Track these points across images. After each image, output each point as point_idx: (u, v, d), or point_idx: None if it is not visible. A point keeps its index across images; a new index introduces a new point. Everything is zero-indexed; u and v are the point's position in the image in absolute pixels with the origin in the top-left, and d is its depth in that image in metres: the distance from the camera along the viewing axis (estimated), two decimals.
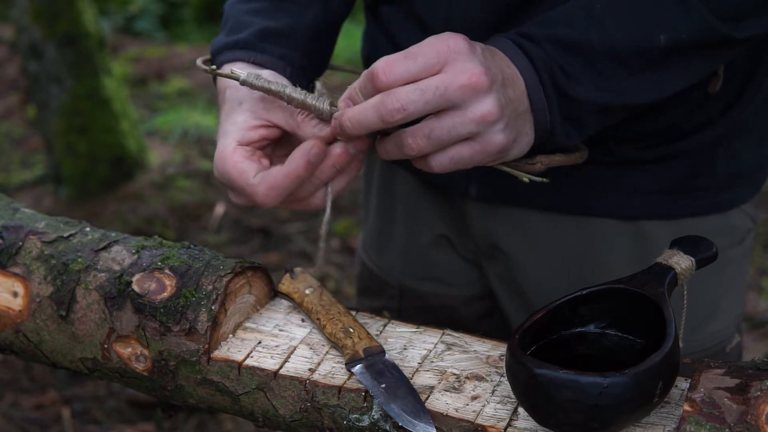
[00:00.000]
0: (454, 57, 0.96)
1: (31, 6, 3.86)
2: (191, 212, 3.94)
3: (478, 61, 0.97)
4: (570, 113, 1.05)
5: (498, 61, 1.02)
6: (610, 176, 1.25)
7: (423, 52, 0.96)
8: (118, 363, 1.09)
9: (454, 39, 0.97)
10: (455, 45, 0.97)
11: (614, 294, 0.99)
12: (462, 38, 0.98)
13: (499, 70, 1.00)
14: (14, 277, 1.13)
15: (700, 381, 0.91)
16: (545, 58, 1.03)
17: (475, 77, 0.96)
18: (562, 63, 1.03)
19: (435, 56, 0.96)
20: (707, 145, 1.25)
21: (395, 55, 0.97)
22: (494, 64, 1.00)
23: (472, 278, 1.45)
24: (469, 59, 0.97)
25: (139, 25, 6.64)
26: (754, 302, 3.19)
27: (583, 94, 1.04)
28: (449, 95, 0.95)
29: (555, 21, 1.06)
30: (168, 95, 5.21)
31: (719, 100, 1.22)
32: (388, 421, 0.96)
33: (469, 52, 0.97)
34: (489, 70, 0.97)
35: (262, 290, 1.13)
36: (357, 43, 1.45)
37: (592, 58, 1.04)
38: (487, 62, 0.98)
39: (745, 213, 1.33)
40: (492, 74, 0.98)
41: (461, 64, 0.96)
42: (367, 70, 0.98)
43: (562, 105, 1.04)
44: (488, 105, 0.97)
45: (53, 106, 3.95)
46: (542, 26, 1.06)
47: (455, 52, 0.96)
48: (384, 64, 0.96)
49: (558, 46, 1.04)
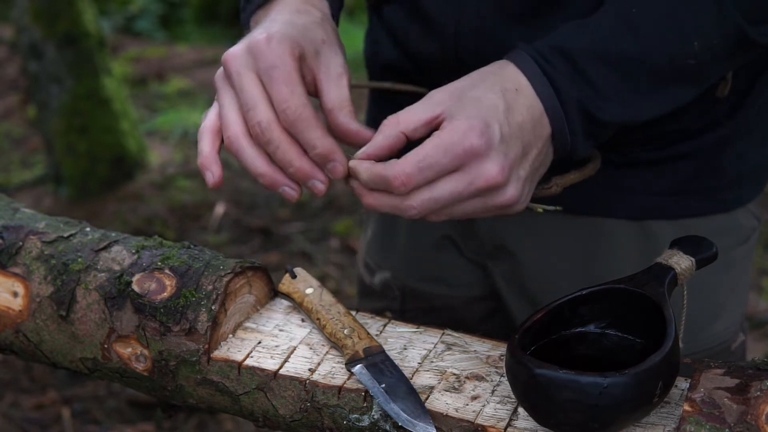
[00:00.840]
0: (470, 159, 0.95)
1: (31, 6, 3.86)
2: (191, 212, 3.94)
3: (495, 159, 0.95)
4: (593, 132, 1.04)
5: (519, 108, 0.99)
6: (617, 176, 1.25)
7: (439, 161, 0.94)
8: (118, 363, 1.09)
9: (469, 139, 0.94)
10: (471, 147, 0.94)
11: (614, 294, 0.99)
12: (477, 133, 0.94)
13: (519, 131, 0.98)
14: (14, 277, 1.13)
15: (700, 381, 0.91)
16: (573, 85, 1.01)
17: (492, 179, 0.95)
18: (595, 79, 1.01)
19: (450, 162, 0.95)
20: (714, 146, 1.25)
21: (410, 161, 0.95)
22: (513, 131, 0.97)
23: (476, 279, 1.45)
24: (486, 159, 0.95)
25: (139, 25, 6.64)
26: (754, 302, 3.20)
27: (611, 115, 1.03)
28: (466, 196, 0.96)
29: (589, 29, 1.04)
30: (168, 95, 5.21)
31: (726, 102, 1.22)
32: (388, 421, 0.96)
33: (486, 150, 0.95)
34: (507, 156, 0.96)
35: (262, 290, 1.13)
36: (358, 44, 1.45)
37: (629, 69, 1.02)
38: (505, 148, 0.96)
39: (750, 212, 1.33)
40: (511, 160, 0.96)
41: (477, 168, 0.95)
42: (382, 176, 0.96)
43: (586, 127, 1.03)
44: (508, 195, 0.97)
45: (53, 106, 3.95)
46: (575, 36, 1.03)
47: (472, 155, 0.94)
48: (402, 177, 0.94)
49: (592, 59, 1.02)
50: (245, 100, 1.01)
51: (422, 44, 1.25)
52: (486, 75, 1.01)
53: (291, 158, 1.00)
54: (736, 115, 1.25)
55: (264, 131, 0.99)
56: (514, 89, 1.00)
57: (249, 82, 1.01)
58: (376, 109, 1.44)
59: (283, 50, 1.01)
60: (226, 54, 1.03)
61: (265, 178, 1.02)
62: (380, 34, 1.36)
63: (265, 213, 3.92)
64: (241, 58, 1.02)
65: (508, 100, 0.98)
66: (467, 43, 1.19)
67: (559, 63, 1.02)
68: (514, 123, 0.98)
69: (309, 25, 1.07)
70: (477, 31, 1.17)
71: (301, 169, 1.00)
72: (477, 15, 1.18)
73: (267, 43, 1.01)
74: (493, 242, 1.37)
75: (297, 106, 0.98)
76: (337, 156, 1.00)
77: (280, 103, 0.99)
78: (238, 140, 1.01)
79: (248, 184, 4.09)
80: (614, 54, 1.02)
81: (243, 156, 1.02)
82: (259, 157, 1.01)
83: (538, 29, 1.13)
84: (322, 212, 3.91)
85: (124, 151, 4.12)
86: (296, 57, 1.01)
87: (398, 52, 1.31)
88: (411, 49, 1.28)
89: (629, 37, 1.02)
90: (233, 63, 1.02)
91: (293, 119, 0.98)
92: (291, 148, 1.00)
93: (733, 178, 1.28)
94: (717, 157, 1.26)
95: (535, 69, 1.01)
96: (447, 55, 1.22)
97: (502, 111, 0.97)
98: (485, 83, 1.00)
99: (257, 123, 1.00)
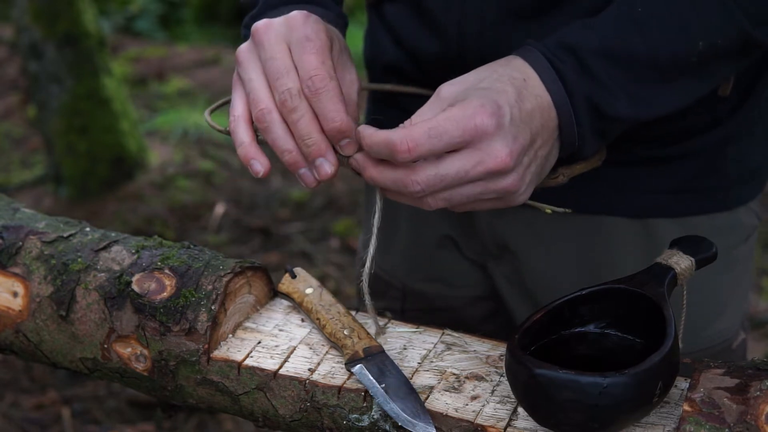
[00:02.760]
0: (479, 138, 0.93)
1: (31, 6, 3.86)
2: (191, 212, 3.94)
3: (504, 141, 0.94)
4: (600, 128, 1.04)
5: (529, 97, 0.98)
6: (620, 175, 1.25)
7: (448, 131, 0.93)
8: (118, 363, 1.09)
9: (480, 116, 0.93)
10: (482, 124, 0.93)
11: (614, 294, 0.99)
12: (489, 112, 0.93)
13: (528, 118, 0.97)
14: (14, 277, 1.13)
15: (699, 381, 0.91)
16: (581, 80, 1.01)
17: (501, 162, 0.94)
18: (603, 76, 1.01)
19: (460, 136, 0.93)
20: (716, 144, 1.26)
21: (419, 128, 0.93)
22: (523, 116, 0.96)
23: (476, 279, 1.45)
24: (495, 139, 0.94)
25: (139, 25, 6.63)
26: (754, 302, 3.20)
27: (619, 111, 1.03)
28: (471, 177, 0.95)
29: (596, 28, 1.04)
30: (168, 95, 5.21)
31: (728, 101, 1.23)
32: (387, 421, 0.96)
33: (495, 130, 0.94)
34: (516, 140, 0.95)
35: (262, 290, 1.13)
36: (357, 43, 1.44)
37: (636, 68, 1.02)
38: (515, 131, 0.95)
39: (752, 210, 1.34)
40: (520, 145, 0.95)
41: (486, 148, 0.94)
42: (387, 139, 0.94)
43: (594, 123, 1.03)
44: (510, 181, 0.96)
45: (53, 106, 3.94)
46: (583, 35, 1.03)
47: (482, 133, 0.93)
48: (409, 141, 0.92)
49: (600, 57, 1.02)
50: (275, 67, 1.00)
51: (424, 43, 1.25)
52: (494, 67, 1.01)
53: (311, 130, 0.98)
54: (738, 113, 1.25)
55: (292, 98, 0.98)
56: (523, 79, 0.99)
57: (280, 50, 1.00)
58: (376, 110, 1.44)
59: (320, 28, 1.01)
60: (257, 24, 1.03)
61: (291, 155, 1.00)
62: (380, 34, 1.36)
63: (265, 213, 3.92)
64: (276, 28, 1.02)
65: (518, 88, 0.98)
66: (471, 41, 1.20)
67: (566, 59, 1.02)
68: (524, 109, 0.97)
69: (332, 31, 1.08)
70: (480, 30, 1.17)
71: (318, 143, 0.99)
72: (480, 13, 1.18)
73: (305, 18, 1.02)
74: (494, 242, 1.37)
75: (325, 75, 0.98)
76: (353, 134, 0.99)
77: (309, 71, 0.98)
78: (271, 114, 1.00)
79: (248, 184, 4.09)
80: (621, 52, 1.02)
81: (272, 130, 1.00)
82: (288, 133, 1.00)
83: (542, 27, 1.13)
84: (322, 212, 3.91)
85: (124, 151, 4.11)
86: (330, 38, 1.02)
87: (399, 52, 1.31)
88: (412, 48, 1.28)
89: (636, 36, 1.02)
90: (267, 32, 1.01)
91: (319, 86, 0.97)
92: (314, 120, 0.99)
93: (735, 177, 1.28)
94: (719, 155, 1.26)
95: (543, 62, 1.01)
96: (450, 53, 1.22)
97: (513, 96, 0.97)
98: (493, 75, 0.99)
99: (287, 89, 0.99)
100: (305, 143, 0.99)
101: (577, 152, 1.05)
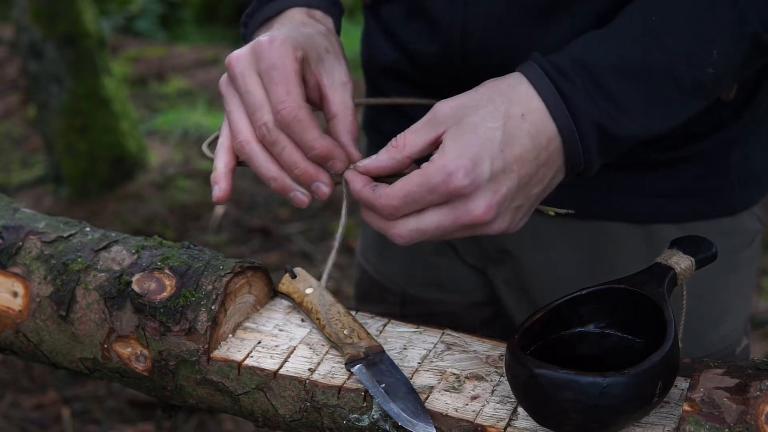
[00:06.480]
0: (456, 198, 0.94)
1: (31, 6, 3.86)
2: (191, 212, 3.94)
3: (482, 197, 0.94)
4: (609, 149, 1.03)
5: (521, 138, 0.96)
6: (622, 179, 1.25)
7: (424, 197, 0.94)
8: (118, 363, 1.09)
9: (455, 178, 0.93)
10: (457, 187, 0.93)
11: (614, 294, 0.99)
12: (463, 173, 0.93)
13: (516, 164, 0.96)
14: (14, 277, 1.13)
15: (699, 381, 0.91)
16: (591, 101, 0.99)
17: (478, 217, 0.94)
18: (618, 95, 1.00)
19: (437, 199, 0.94)
20: (719, 149, 1.25)
21: (398, 194, 0.94)
22: (508, 165, 0.95)
23: (476, 285, 1.44)
24: (471, 198, 0.94)
25: (139, 25, 6.63)
26: (755, 302, 3.20)
27: (631, 130, 1.02)
28: (451, 230, 0.96)
29: (612, 41, 1.01)
30: (168, 95, 5.21)
31: (731, 105, 1.22)
32: (387, 421, 0.96)
33: (472, 190, 0.93)
34: (496, 193, 0.95)
35: (261, 290, 1.13)
36: (356, 44, 1.44)
37: (653, 81, 1.01)
38: (495, 186, 0.95)
39: (755, 215, 1.33)
40: (501, 196, 0.95)
41: (462, 207, 0.94)
42: (369, 200, 0.96)
43: (603, 146, 1.01)
44: (495, 227, 0.97)
45: (53, 106, 3.95)
46: (598, 50, 1.01)
47: (458, 194, 0.94)
48: (389, 207, 0.95)
49: (616, 73, 1.00)
50: (250, 101, 1.01)
51: (423, 44, 1.24)
52: (494, 94, 0.98)
53: (296, 159, 1.00)
54: (741, 117, 1.24)
55: (270, 132, 0.99)
56: (520, 115, 0.97)
57: (252, 83, 1.01)
58: (372, 114, 1.43)
59: (285, 51, 1.01)
60: (230, 56, 1.04)
61: (276, 182, 1.02)
62: (377, 35, 1.34)
63: (265, 213, 3.92)
64: (244, 59, 1.02)
65: (509, 130, 0.96)
66: (475, 41, 1.18)
67: (578, 78, 0.99)
68: (510, 157, 0.95)
69: (314, 34, 1.07)
70: (485, 30, 1.16)
71: (307, 170, 1.00)
72: (485, 13, 1.16)
73: (270, 44, 1.01)
74: (495, 246, 1.36)
75: (293, 107, 0.98)
76: (336, 153, 1.00)
77: (276, 104, 0.99)
78: (249, 145, 1.01)
79: (248, 184, 4.09)
80: (639, 66, 1.00)
81: (255, 160, 1.02)
82: (270, 161, 1.01)
83: (550, 26, 1.12)
84: (322, 212, 3.91)
85: (124, 151, 4.11)
86: (298, 59, 1.02)
87: (397, 53, 1.30)
88: (411, 50, 1.27)
89: (653, 47, 1.00)
90: (237, 65, 1.02)
91: (289, 120, 0.98)
92: (297, 149, 1.00)
93: (738, 181, 1.28)
94: (722, 159, 1.25)
95: (549, 87, 0.99)
96: (451, 54, 1.20)
97: (497, 144, 0.95)
98: (490, 106, 0.97)
99: (263, 124, 1.00)
100: (293, 173, 1.01)
101: (582, 173, 1.03)
